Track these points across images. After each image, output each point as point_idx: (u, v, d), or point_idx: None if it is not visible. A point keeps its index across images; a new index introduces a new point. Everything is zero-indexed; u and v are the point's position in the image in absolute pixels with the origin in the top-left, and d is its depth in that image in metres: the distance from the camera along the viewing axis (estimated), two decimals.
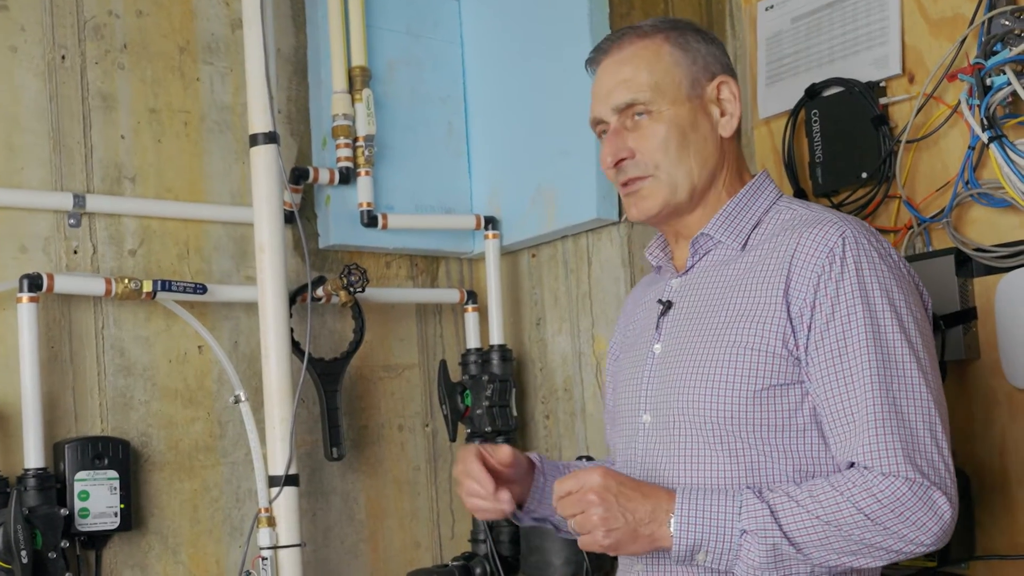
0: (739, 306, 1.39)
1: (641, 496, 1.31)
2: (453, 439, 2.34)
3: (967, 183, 1.79)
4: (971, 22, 1.80)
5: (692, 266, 1.49)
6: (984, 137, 1.72)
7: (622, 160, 1.46)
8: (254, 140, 2.03)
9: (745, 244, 1.44)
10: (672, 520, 1.29)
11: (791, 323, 1.34)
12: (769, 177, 1.52)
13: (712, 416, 1.37)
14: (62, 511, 1.85)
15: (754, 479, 1.35)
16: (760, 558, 1.27)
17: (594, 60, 1.52)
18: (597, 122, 1.51)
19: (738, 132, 1.50)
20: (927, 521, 1.27)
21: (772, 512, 1.27)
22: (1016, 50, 1.68)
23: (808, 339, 1.33)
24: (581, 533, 1.32)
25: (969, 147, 1.78)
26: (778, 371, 1.34)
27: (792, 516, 1.27)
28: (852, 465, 1.31)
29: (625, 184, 1.48)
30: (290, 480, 2.00)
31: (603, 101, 1.48)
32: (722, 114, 1.47)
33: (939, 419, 1.32)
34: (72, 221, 2.02)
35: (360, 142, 2.27)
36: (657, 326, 1.49)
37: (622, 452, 1.52)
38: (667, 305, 1.48)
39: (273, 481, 2.00)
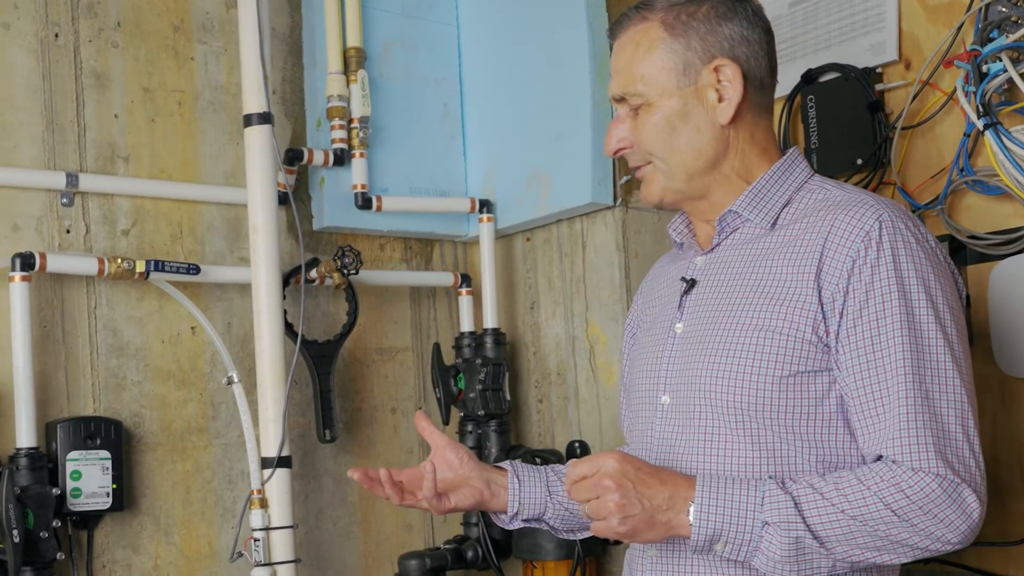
0: (767, 287, 1.35)
1: (659, 482, 1.26)
2: (446, 422, 2.34)
3: (962, 170, 1.79)
4: (968, 8, 1.79)
5: (718, 244, 1.44)
6: (979, 124, 1.72)
7: (622, 149, 1.45)
8: (248, 120, 2.02)
9: (775, 223, 1.40)
10: (691, 508, 1.25)
11: (822, 308, 1.30)
12: (800, 155, 1.46)
13: (736, 401, 1.32)
14: (54, 491, 1.85)
15: (776, 467, 1.31)
16: (782, 551, 1.23)
17: (610, 36, 1.49)
18: (611, 99, 1.49)
19: (760, 110, 1.43)
20: (955, 519, 1.23)
21: (796, 504, 1.23)
22: (1013, 37, 1.67)
23: (840, 326, 1.29)
24: (595, 519, 1.27)
25: (964, 134, 1.77)
26: (806, 357, 1.30)
27: (817, 509, 1.23)
28: (880, 458, 1.27)
29: (635, 168, 1.47)
30: (283, 462, 2.00)
31: (610, 84, 1.47)
32: (720, 99, 1.40)
33: (971, 413, 1.27)
34: (65, 200, 2.01)
35: (355, 123, 2.26)
36: (680, 305, 1.44)
37: (639, 433, 1.48)
38: (691, 283, 1.44)
39: (266, 463, 2.00)
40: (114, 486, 1.94)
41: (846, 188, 1.41)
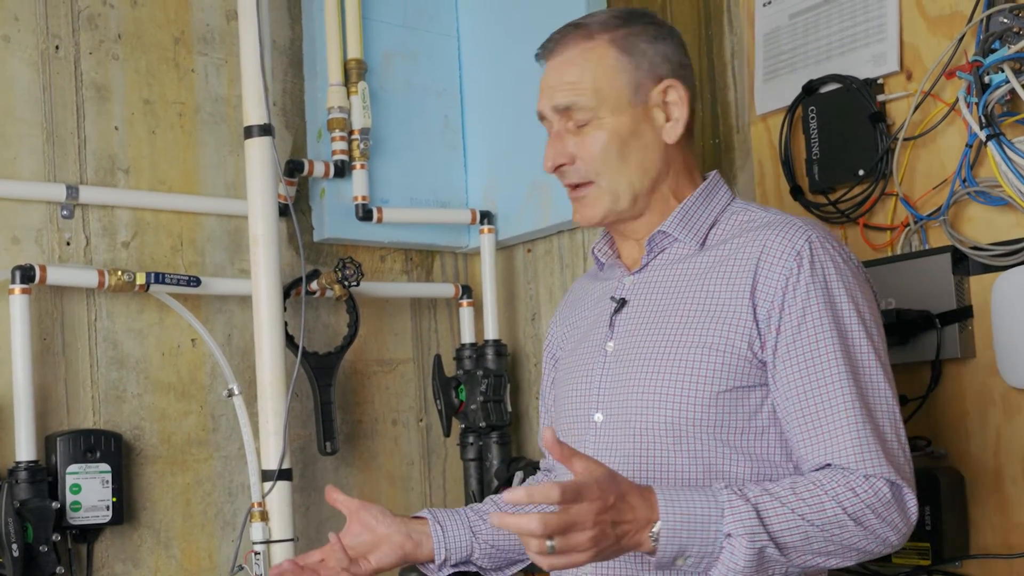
0: (702, 305, 1.38)
1: (629, 507, 1.20)
2: (447, 434, 2.34)
3: (964, 181, 1.78)
4: (970, 19, 1.79)
5: (647, 263, 1.47)
6: (982, 135, 1.71)
7: (562, 165, 1.45)
8: (249, 132, 2.02)
9: (703, 242, 1.44)
10: (656, 528, 1.21)
11: (758, 325, 1.34)
12: (722, 179, 1.51)
13: (673, 416, 1.35)
14: (53, 504, 1.84)
15: (713, 480, 1.33)
16: (745, 561, 1.22)
17: (542, 55, 1.50)
18: (541, 117, 1.50)
19: (689, 133, 1.48)
20: (899, 521, 1.29)
21: (758, 514, 1.23)
22: (1015, 48, 1.67)
23: (777, 342, 1.33)
24: (560, 552, 1.16)
25: (967, 145, 1.77)
26: (742, 373, 1.34)
27: (778, 517, 1.24)
28: (826, 467, 1.30)
29: (571, 188, 1.47)
30: (283, 474, 1.99)
31: (548, 98, 1.46)
32: (667, 119, 1.43)
33: (901, 422, 1.35)
34: (65, 212, 2.01)
35: (355, 135, 2.26)
36: (611, 324, 1.46)
37: None
38: (621, 302, 1.46)
39: (266, 475, 2.00)
40: (114, 499, 1.94)
41: (770, 210, 1.45)
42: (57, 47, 2.03)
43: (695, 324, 1.37)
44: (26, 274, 1.88)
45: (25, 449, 1.85)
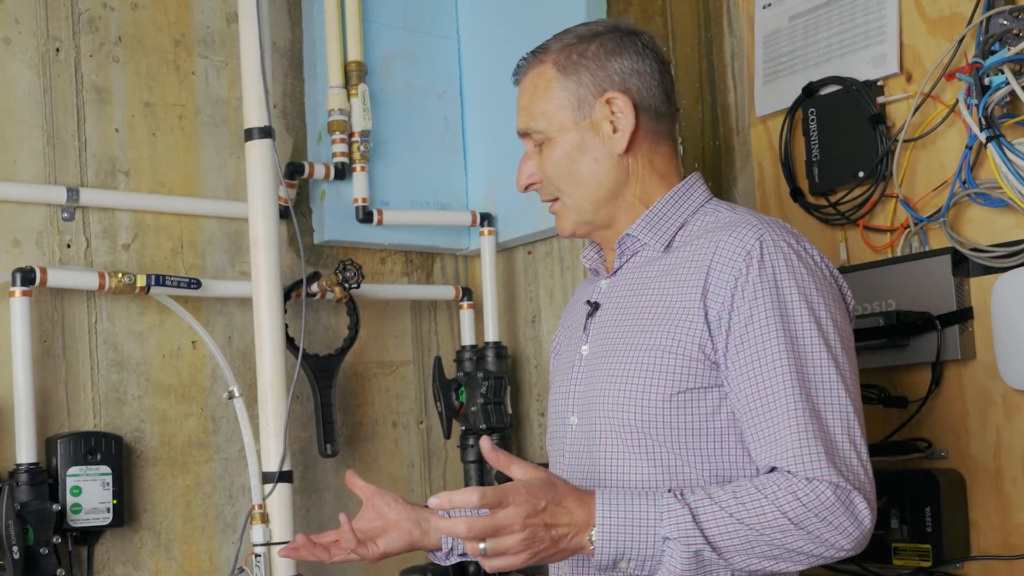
0: (658, 307, 1.39)
1: (564, 510, 1.25)
2: (448, 436, 2.34)
3: (964, 183, 1.79)
4: (969, 21, 1.79)
5: (619, 267, 1.50)
6: (982, 137, 1.72)
7: (532, 184, 1.53)
8: (249, 135, 2.02)
9: (669, 245, 1.45)
10: (593, 531, 1.25)
11: (709, 327, 1.34)
12: (701, 180, 1.51)
13: (630, 419, 1.36)
14: (54, 506, 1.84)
15: (673, 482, 1.35)
16: (682, 565, 1.24)
17: (514, 81, 1.57)
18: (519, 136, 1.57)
19: (657, 138, 1.48)
20: (848, 526, 1.26)
21: (694, 516, 1.25)
22: (1014, 50, 1.68)
23: (727, 344, 1.33)
24: (491, 556, 1.23)
25: (967, 147, 1.78)
26: (695, 375, 1.34)
27: (714, 519, 1.25)
28: (773, 470, 1.30)
29: (548, 203, 1.54)
30: (284, 476, 1.99)
31: (516, 122, 1.55)
32: (615, 130, 1.46)
33: (856, 423, 1.31)
34: (65, 215, 2.01)
35: (356, 137, 2.26)
36: (585, 327, 1.50)
37: (552, 454, 1.54)
38: (595, 306, 1.50)
39: (267, 477, 2.00)
40: (114, 501, 1.93)
41: (736, 210, 1.46)
42: (58, 49, 2.03)
43: (651, 327, 1.39)
44: (27, 276, 1.88)
45: (26, 451, 1.85)
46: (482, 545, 1.22)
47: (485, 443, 1.27)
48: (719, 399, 1.35)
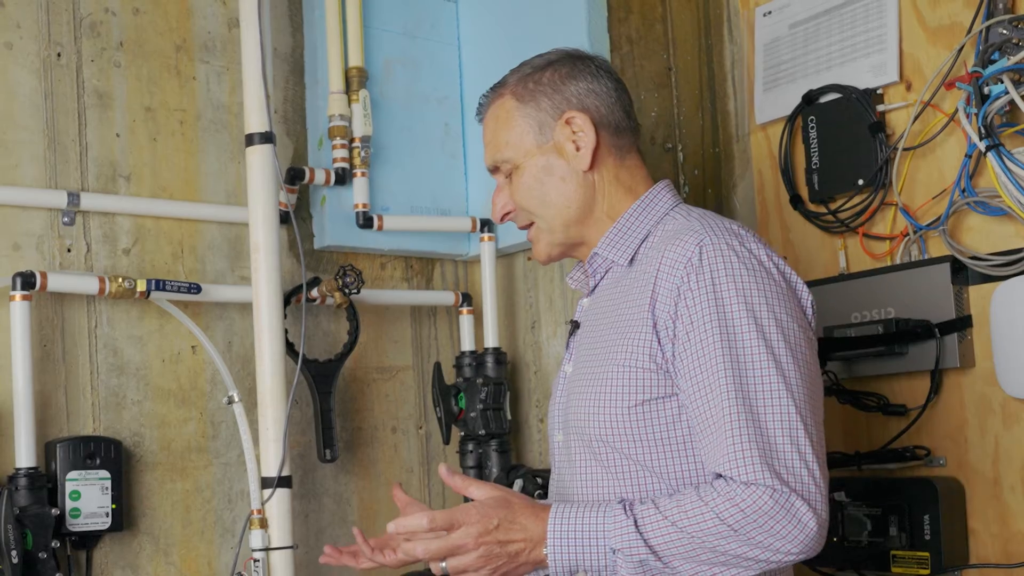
0: (616, 322, 1.42)
1: (518, 527, 1.30)
2: (447, 442, 2.34)
3: (964, 191, 1.79)
4: (969, 30, 1.80)
5: (596, 286, 1.53)
6: (981, 146, 1.72)
7: (507, 214, 1.56)
8: (250, 140, 2.03)
9: (633, 259, 1.47)
10: (546, 546, 1.29)
11: (658, 337, 1.35)
12: (667, 187, 1.52)
13: (597, 433, 1.40)
14: (53, 511, 1.84)
15: (638, 495, 1.36)
16: (629, 575, 1.27)
17: (477, 118, 1.61)
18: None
19: (623, 152, 1.51)
20: (790, 531, 1.24)
21: (636, 526, 1.27)
22: (1014, 59, 1.68)
23: (674, 352, 1.34)
24: (453, 574, 1.31)
25: (966, 155, 1.78)
26: (650, 385, 1.36)
27: (656, 529, 1.27)
28: (718, 476, 1.30)
29: (525, 230, 1.57)
30: (283, 481, 1.99)
31: (484, 158, 1.58)
32: (577, 148, 1.48)
33: (801, 424, 1.28)
34: (66, 219, 2.01)
35: (356, 143, 2.27)
36: (568, 346, 1.55)
37: (552, 469, 1.58)
38: (575, 325, 1.54)
39: (266, 482, 1.99)
40: (113, 506, 1.93)
41: (690, 216, 1.46)
42: (59, 54, 2.03)
43: (611, 342, 1.41)
44: (27, 281, 1.88)
45: (25, 456, 1.85)
46: (443, 564, 1.30)
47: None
48: (678, 409, 1.36)
